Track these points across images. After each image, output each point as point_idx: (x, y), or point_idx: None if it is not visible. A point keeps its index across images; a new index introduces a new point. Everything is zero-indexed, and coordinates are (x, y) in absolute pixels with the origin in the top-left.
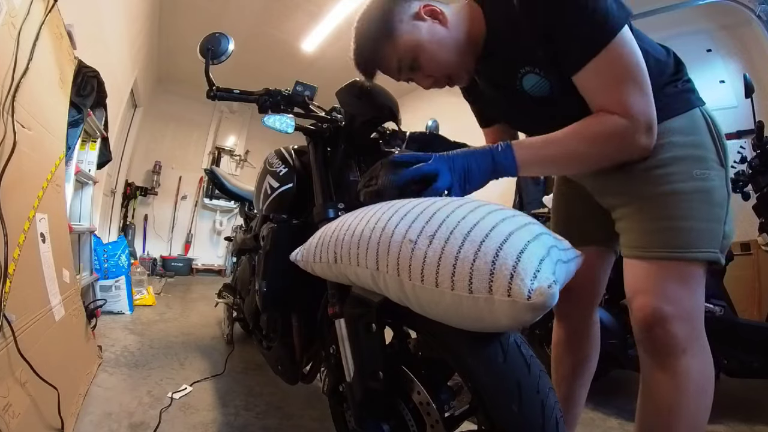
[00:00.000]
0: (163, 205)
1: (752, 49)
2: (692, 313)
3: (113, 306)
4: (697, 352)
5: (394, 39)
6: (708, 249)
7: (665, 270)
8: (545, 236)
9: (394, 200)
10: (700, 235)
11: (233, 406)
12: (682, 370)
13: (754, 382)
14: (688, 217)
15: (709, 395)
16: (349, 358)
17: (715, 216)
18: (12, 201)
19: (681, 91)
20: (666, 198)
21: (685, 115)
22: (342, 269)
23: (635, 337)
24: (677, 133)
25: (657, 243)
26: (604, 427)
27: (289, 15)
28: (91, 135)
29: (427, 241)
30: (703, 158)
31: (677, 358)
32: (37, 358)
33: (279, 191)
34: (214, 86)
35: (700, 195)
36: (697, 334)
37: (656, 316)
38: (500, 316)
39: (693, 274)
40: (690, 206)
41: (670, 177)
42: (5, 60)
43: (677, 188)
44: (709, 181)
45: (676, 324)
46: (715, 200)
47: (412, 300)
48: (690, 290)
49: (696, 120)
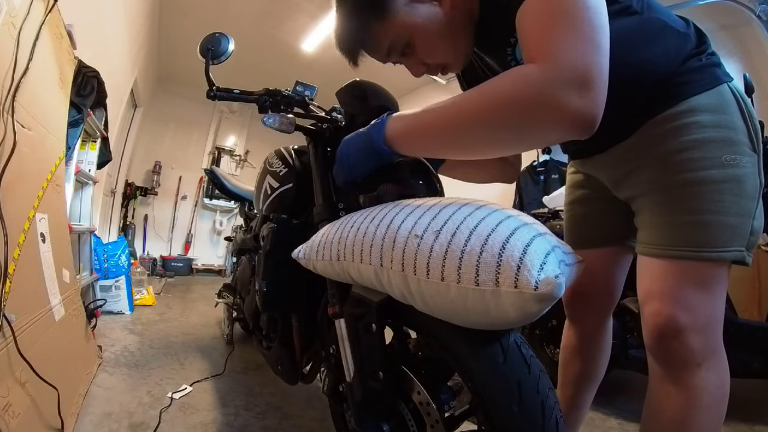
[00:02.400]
0: (163, 205)
1: (752, 49)
2: (711, 323)
3: (113, 306)
4: (714, 365)
5: (388, 19)
6: (735, 248)
7: (685, 271)
8: (549, 236)
9: (398, 200)
10: (727, 231)
11: (233, 406)
12: (696, 385)
13: (754, 382)
14: (715, 211)
15: (723, 409)
16: (349, 358)
17: (745, 209)
18: (12, 201)
19: (706, 65)
20: (691, 188)
21: (713, 92)
22: (345, 267)
23: (645, 344)
24: (704, 111)
25: (677, 240)
26: (604, 427)
27: (289, 15)
28: (91, 135)
29: (434, 235)
30: (735, 141)
31: (692, 372)
32: (37, 358)
33: (279, 191)
34: (214, 86)
35: (731, 185)
36: (716, 346)
37: (671, 326)
38: (507, 308)
39: (715, 277)
40: (719, 198)
41: (697, 163)
42: (5, 60)
43: (705, 176)
44: (740, 168)
45: (693, 336)
46: (746, 191)
47: (416, 296)
48: (711, 295)
49: (725, 97)
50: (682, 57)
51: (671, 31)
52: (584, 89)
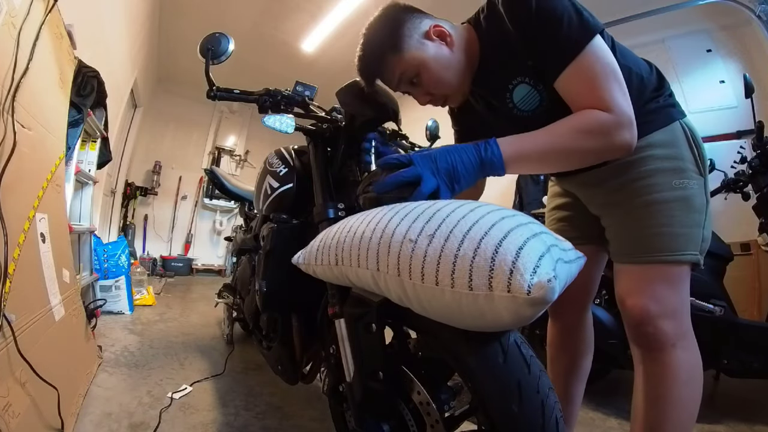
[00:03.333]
0: (163, 205)
1: (752, 49)
2: (679, 311)
3: (113, 306)
4: (686, 345)
5: (400, 53)
6: (689, 252)
7: (652, 272)
8: (545, 235)
9: (396, 202)
10: (681, 239)
11: (233, 406)
12: (672, 362)
13: (754, 382)
14: (670, 224)
15: (698, 384)
16: (349, 358)
17: (694, 221)
18: (12, 201)
19: (663, 107)
20: (649, 207)
21: (666, 129)
22: (343, 271)
23: (628, 334)
24: (658, 146)
25: (643, 248)
26: (604, 427)
27: (289, 15)
28: (91, 135)
29: (427, 240)
30: (682, 169)
31: (667, 352)
32: (37, 358)
33: (279, 191)
34: (214, 86)
35: (680, 203)
36: (685, 330)
37: (646, 314)
38: (501, 313)
39: (678, 275)
40: (671, 214)
41: (652, 188)
42: (5, 60)
43: (659, 197)
44: (688, 189)
45: (665, 321)
46: (694, 207)
47: (413, 299)
48: (676, 290)
49: (676, 133)
50: (643, 100)
51: (635, 76)
52: (631, 128)
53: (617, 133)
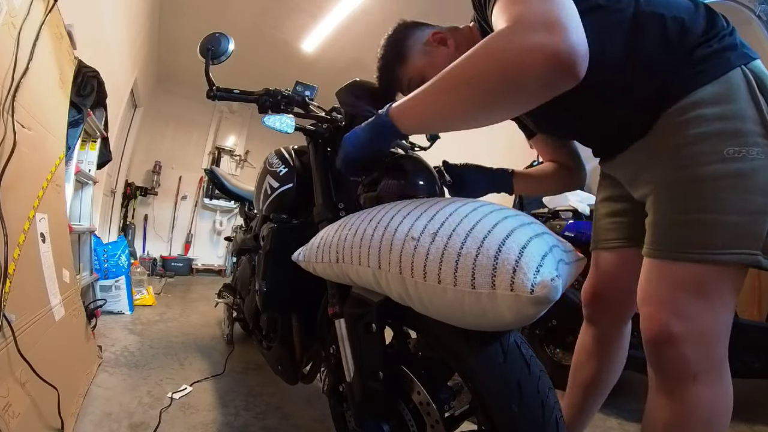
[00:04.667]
0: (163, 205)
1: (752, 49)
2: (708, 334)
3: (113, 306)
4: (712, 380)
5: (406, 63)
6: (739, 250)
7: (678, 274)
8: (547, 236)
9: (396, 202)
10: (727, 231)
11: (233, 406)
12: (689, 400)
13: (754, 382)
14: (714, 209)
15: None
16: (349, 358)
17: (754, 206)
18: (12, 201)
19: (716, 51)
20: (692, 184)
21: (720, 81)
22: (344, 269)
23: (644, 346)
24: (708, 103)
25: (671, 239)
26: (604, 427)
27: (289, 15)
28: (91, 135)
29: (430, 238)
30: (739, 132)
31: (685, 386)
32: (37, 358)
33: (279, 191)
34: (214, 86)
35: (734, 180)
36: (715, 360)
37: (663, 333)
38: (504, 311)
39: (714, 283)
40: (717, 196)
41: (695, 158)
42: (5, 60)
43: (702, 172)
44: (746, 161)
45: (687, 345)
46: (755, 186)
47: (414, 298)
48: (709, 303)
49: (733, 84)
50: (688, 47)
51: (672, 23)
52: (552, 28)
53: (520, 41)
